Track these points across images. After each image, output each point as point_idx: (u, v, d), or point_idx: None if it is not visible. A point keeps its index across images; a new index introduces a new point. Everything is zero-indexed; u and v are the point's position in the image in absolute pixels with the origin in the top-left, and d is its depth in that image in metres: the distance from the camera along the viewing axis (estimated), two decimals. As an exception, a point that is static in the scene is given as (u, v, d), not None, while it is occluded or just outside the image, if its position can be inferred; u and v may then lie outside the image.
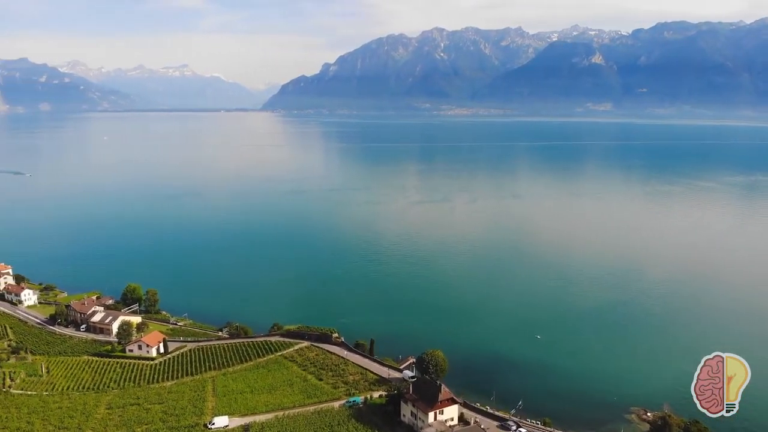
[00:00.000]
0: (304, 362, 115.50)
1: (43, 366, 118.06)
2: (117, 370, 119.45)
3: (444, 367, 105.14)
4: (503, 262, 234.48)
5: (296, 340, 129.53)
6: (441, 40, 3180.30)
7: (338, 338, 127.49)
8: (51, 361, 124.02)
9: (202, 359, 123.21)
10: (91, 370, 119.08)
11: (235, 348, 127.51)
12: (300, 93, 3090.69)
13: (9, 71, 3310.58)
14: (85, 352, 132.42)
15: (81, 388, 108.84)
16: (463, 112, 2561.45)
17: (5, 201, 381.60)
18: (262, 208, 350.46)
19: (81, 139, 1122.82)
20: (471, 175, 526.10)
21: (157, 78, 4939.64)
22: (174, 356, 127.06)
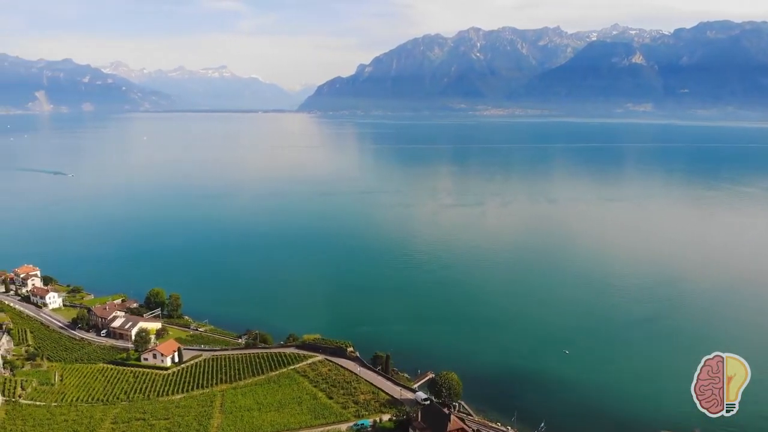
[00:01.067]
0: (316, 378, 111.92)
1: (57, 374, 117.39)
2: (130, 379, 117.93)
3: (458, 391, 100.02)
4: (534, 271, 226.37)
5: (311, 352, 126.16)
6: (477, 39, 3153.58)
7: (353, 353, 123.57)
8: (66, 369, 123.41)
9: (215, 370, 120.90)
10: (104, 379, 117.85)
11: (249, 359, 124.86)
12: (335, 94, 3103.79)
13: (53, 72, 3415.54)
14: (101, 360, 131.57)
15: (90, 399, 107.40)
16: (499, 112, 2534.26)
17: (45, 202, 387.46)
18: (292, 211, 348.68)
19: (122, 139, 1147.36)
20: (504, 178, 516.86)
21: (197, 79, 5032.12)
22: (188, 366, 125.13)
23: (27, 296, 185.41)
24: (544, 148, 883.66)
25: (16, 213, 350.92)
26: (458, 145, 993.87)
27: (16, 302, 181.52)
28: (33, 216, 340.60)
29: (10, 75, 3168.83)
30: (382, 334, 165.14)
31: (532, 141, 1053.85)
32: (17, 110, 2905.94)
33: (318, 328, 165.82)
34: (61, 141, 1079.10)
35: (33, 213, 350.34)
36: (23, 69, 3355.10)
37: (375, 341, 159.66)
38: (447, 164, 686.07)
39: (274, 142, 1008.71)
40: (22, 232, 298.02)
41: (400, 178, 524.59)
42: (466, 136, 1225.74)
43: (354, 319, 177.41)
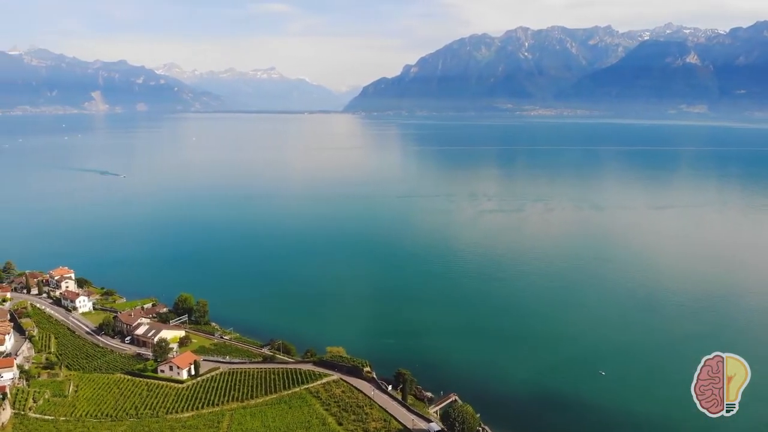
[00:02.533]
0: (328, 400, 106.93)
1: (72, 385, 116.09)
2: (143, 393, 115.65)
3: (473, 426, 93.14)
4: (573, 283, 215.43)
5: (327, 370, 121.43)
6: (525, 39, 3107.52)
7: (369, 373, 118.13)
8: (83, 379, 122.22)
9: (228, 386, 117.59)
10: (118, 392, 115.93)
11: (264, 375, 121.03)
12: (380, 95, 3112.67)
13: (109, 73, 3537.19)
14: (119, 369, 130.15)
15: (100, 413, 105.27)
16: (547, 112, 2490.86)
17: (93, 202, 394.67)
18: (327, 215, 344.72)
19: (173, 139, 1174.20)
20: (549, 182, 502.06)
21: (247, 80, 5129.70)
22: (203, 379, 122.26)
23: (59, 299, 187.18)
24: (593, 151, 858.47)
25: (63, 213, 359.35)
26: (503, 146, 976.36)
27: (47, 305, 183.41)
28: (79, 216, 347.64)
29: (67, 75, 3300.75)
30: (410, 347, 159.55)
31: (580, 143, 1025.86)
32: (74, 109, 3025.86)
33: (343, 338, 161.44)
34: (114, 141, 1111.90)
35: (79, 213, 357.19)
36: (80, 69, 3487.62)
37: (401, 354, 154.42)
38: (489, 167, 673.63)
39: (316, 144, 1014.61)
40: (67, 232, 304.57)
41: (439, 181, 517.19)
42: (511, 138, 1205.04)
43: (381, 330, 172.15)
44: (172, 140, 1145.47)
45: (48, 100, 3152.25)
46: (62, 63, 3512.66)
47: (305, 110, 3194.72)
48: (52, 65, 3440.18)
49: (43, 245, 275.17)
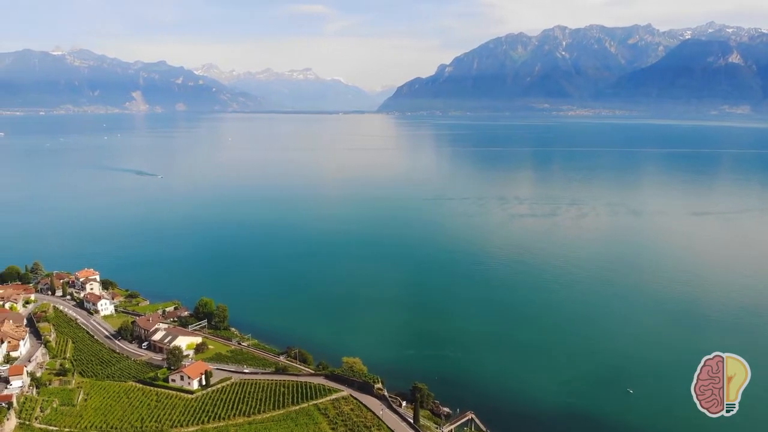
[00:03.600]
0: (336, 418, 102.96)
1: (82, 393, 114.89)
2: (152, 403, 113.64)
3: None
4: (604, 294, 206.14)
5: (338, 385, 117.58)
6: (563, 38, 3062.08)
7: (380, 390, 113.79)
8: (94, 387, 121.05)
9: (238, 398, 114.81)
10: (127, 401, 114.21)
11: (274, 388, 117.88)
12: (414, 95, 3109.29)
13: (149, 73, 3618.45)
14: (132, 377, 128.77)
15: (105, 425, 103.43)
16: (585, 112, 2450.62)
17: (126, 204, 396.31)
18: (353, 218, 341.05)
19: (211, 139, 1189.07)
20: (584, 185, 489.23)
21: (283, 81, 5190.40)
22: (213, 390, 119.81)
23: (81, 302, 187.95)
24: (631, 153, 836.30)
25: (96, 213, 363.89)
26: (538, 148, 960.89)
27: (70, 308, 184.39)
28: (111, 217, 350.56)
29: (109, 76, 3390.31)
30: (429, 358, 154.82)
31: (619, 144, 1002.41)
32: (116, 109, 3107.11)
33: (361, 347, 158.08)
34: (153, 141, 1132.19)
35: (112, 214, 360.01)
36: (121, 70, 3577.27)
37: (420, 365, 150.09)
38: (523, 169, 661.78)
39: (348, 144, 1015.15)
40: (97, 233, 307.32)
41: (470, 183, 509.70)
42: (547, 138, 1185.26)
43: (401, 339, 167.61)
44: (210, 140, 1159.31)
45: (90, 99, 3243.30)
46: (104, 63, 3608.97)
47: (339, 111, 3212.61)
48: (94, 65, 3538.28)
49: (73, 245, 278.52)
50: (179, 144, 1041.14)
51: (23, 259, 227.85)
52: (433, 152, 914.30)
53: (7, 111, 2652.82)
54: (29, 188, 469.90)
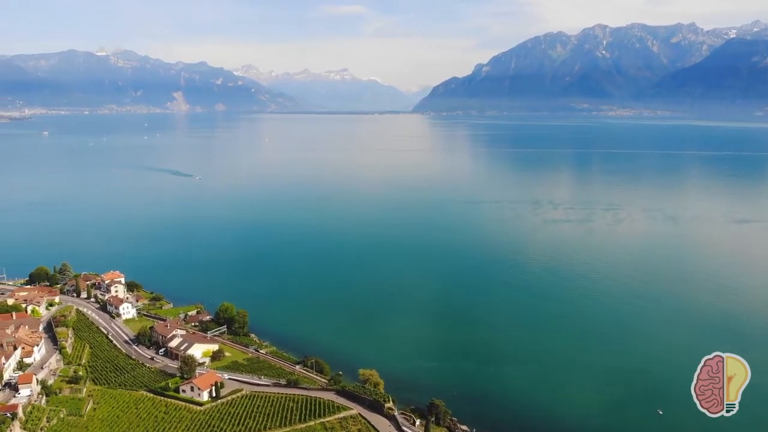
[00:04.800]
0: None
1: (91, 402, 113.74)
2: (159, 415, 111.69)
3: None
4: (636, 306, 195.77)
5: (348, 402, 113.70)
6: (603, 37, 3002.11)
7: (391, 409, 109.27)
8: (105, 395, 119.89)
9: (246, 413, 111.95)
10: (135, 412, 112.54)
11: (283, 403, 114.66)
12: (450, 94, 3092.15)
13: (190, 74, 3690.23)
14: (144, 386, 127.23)
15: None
16: (626, 113, 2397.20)
17: (161, 205, 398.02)
18: (383, 221, 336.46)
19: (248, 140, 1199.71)
20: (621, 189, 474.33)
21: (320, 81, 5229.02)
22: (223, 403, 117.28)
23: (104, 305, 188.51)
24: (673, 155, 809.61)
25: (129, 213, 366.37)
26: (576, 149, 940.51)
27: (93, 310, 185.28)
28: (143, 218, 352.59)
29: (152, 76, 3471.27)
30: (449, 371, 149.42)
31: (660, 146, 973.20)
32: (157, 109, 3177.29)
33: (380, 358, 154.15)
34: (191, 141, 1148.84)
35: (144, 215, 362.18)
36: (163, 71, 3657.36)
37: (439, 378, 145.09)
38: (559, 171, 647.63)
39: (381, 145, 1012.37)
40: (128, 234, 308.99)
41: (503, 186, 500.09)
42: (586, 139, 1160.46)
43: (422, 350, 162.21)
44: (247, 141, 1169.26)
45: (133, 99, 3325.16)
46: (146, 64, 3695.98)
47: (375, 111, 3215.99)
48: (137, 66, 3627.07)
49: (103, 246, 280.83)
50: (217, 144, 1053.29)
51: (54, 259, 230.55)
52: (467, 153, 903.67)
53: (52, 110, 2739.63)
54: (66, 187, 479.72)
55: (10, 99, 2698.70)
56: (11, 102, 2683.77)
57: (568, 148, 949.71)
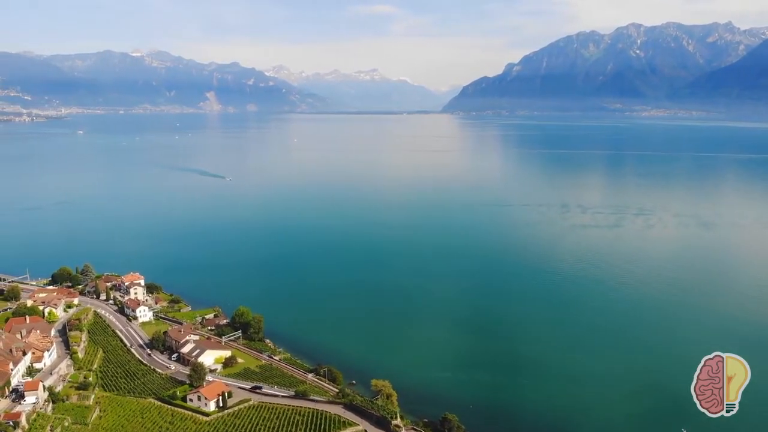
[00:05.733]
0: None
1: (98, 410, 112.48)
2: (164, 425, 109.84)
3: None
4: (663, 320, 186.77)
5: (355, 417, 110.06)
6: (637, 36, 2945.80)
7: (397, 427, 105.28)
8: (113, 403, 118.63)
9: (251, 425, 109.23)
10: (141, 422, 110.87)
11: (289, 416, 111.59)
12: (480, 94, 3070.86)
13: (222, 74, 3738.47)
14: (153, 393, 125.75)
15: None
16: (660, 113, 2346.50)
17: (188, 206, 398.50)
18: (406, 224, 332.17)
19: (278, 140, 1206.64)
20: (654, 193, 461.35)
21: (350, 82, 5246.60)
22: (229, 414, 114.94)
23: (122, 307, 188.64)
24: (709, 158, 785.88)
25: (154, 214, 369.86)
26: (608, 150, 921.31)
27: (111, 313, 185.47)
28: (170, 219, 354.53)
29: (185, 77, 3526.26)
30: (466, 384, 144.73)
31: (696, 148, 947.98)
32: (190, 109, 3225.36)
33: (395, 368, 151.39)
34: (224, 141, 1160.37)
35: (171, 216, 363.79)
36: (195, 71, 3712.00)
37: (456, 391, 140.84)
38: (589, 173, 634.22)
39: (409, 146, 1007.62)
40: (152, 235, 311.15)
41: (531, 188, 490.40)
42: (618, 141, 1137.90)
43: (439, 360, 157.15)
44: (277, 141, 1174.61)
45: (167, 99, 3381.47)
46: (180, 64, 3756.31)
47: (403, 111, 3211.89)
48: (171, 66, 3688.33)
49: (127, 247, 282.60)
50: (248, 145, 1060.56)
51: (77, 259, 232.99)
52: (496, 154, 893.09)
53: (88, 109, 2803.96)
54: (96, 187, 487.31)
55: (47, 98, 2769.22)
56: (48, 101, 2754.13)
57: (599, 150, 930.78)
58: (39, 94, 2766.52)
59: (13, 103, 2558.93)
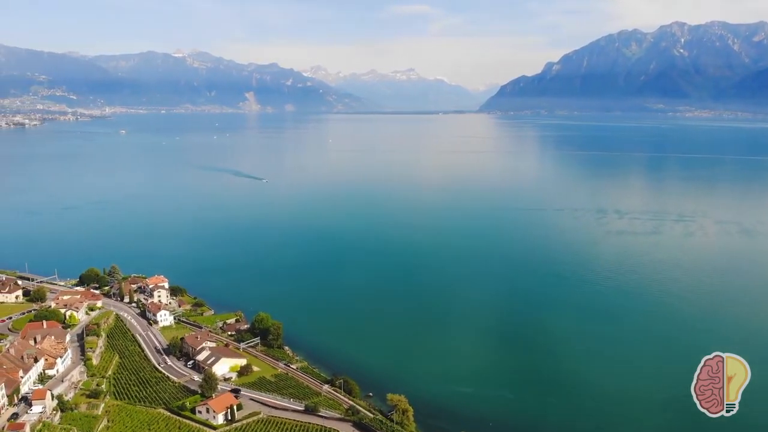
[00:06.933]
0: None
1: (105, 420, 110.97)
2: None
3: None
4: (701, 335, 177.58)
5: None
6: (681, 35, 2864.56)
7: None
8: (121, 412, 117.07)
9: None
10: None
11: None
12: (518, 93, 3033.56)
13: (261, 75, 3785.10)
14: (163, 403, 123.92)
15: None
16: (704, 114, 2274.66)
17: (224, 209, 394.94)
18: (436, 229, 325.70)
19: (314, 140, 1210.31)
20: (696, 198, 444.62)
21: (387, 82, 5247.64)
22: (236, 428, 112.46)
23: (144, 311, 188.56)
24: (756, 162, 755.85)
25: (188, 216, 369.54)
26: (649, 152, 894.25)
27: (133, 316, 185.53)
28: (201, 220, 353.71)
29: (225, 77, 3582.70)
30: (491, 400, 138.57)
31: (742, 151, 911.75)
32: (230, 109, 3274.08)
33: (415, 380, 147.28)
34: (262, 142, 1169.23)
35: (202, 217, 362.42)
36: (235, 71, 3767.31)
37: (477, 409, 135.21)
38: (628, 176, 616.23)
39: (444, 146, 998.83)
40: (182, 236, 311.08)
41: (568, 192, 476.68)
42: (661, 142, 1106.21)
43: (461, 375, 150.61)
44: (313, 141, 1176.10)
45: (207, 99, 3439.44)
46: (220, 65, 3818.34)
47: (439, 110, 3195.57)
48: (212, 67, 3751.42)
49: (155, 248, 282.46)
50: (284, 145, 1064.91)
51: (106, 259, 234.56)
52: (532, 156, 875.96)
53: (131, 109, 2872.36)
54: (132, 186, 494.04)
55: (92, 98, 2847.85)
56: (93, 101, 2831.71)
57: (640, 152, 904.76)
58: (84, 94, 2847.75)
59: (59, 102, 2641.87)
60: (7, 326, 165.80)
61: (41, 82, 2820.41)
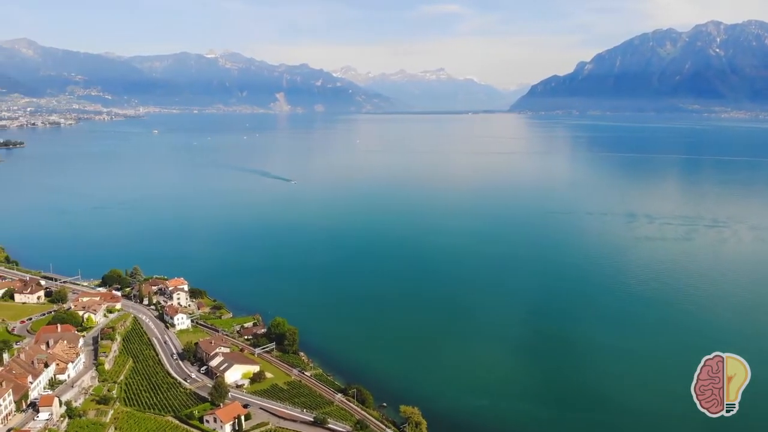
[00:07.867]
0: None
1: (113, 429, 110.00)
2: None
3: None
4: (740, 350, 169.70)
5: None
6: (717, 34, 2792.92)
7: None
8: (130, 420, 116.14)
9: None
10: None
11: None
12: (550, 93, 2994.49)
13: (292, 75, 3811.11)
14: (173, 410, 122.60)
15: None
16: (741, 115, 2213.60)
17: (250, 210, 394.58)
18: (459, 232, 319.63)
19: (342, 141, 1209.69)
20: (730, 203, 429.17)
21: (416, 82, 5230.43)
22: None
23: (162, 313, 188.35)
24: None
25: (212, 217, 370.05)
26: (683, 155, 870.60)
27: (151, 318, 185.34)
28: (226, 222, 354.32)
29: (256, 77, 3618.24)
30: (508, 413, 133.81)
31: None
32: (261, 109, 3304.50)
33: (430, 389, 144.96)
34: (290, 143, 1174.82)
35: (229, 219, 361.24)
36: (266, 72, 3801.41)
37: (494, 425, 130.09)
38: (661, 179, 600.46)
39: (473, 147, 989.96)
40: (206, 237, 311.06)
41: (597, 196, 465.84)
42: (695, 144, 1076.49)
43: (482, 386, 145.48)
44: (341, 142, 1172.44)
45: (239, 100, 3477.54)
46: (251, 66, 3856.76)
47: (468, 110, 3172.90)
48: (243, 68, 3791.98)
49: (178, 249, 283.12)
50: (313, 146, 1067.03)
51: (130, 260, 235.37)
52: (563, 157, 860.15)
53: (165, 109, 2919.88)
54: (160, 187, 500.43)
55: (126, 98, 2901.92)
56: (127, 101, 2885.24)
57: (674, 154, 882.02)
58: (119, 94, 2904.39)
59: (95, 102, 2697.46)
60: (26, 327, 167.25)
61: (77, 82, 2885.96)
